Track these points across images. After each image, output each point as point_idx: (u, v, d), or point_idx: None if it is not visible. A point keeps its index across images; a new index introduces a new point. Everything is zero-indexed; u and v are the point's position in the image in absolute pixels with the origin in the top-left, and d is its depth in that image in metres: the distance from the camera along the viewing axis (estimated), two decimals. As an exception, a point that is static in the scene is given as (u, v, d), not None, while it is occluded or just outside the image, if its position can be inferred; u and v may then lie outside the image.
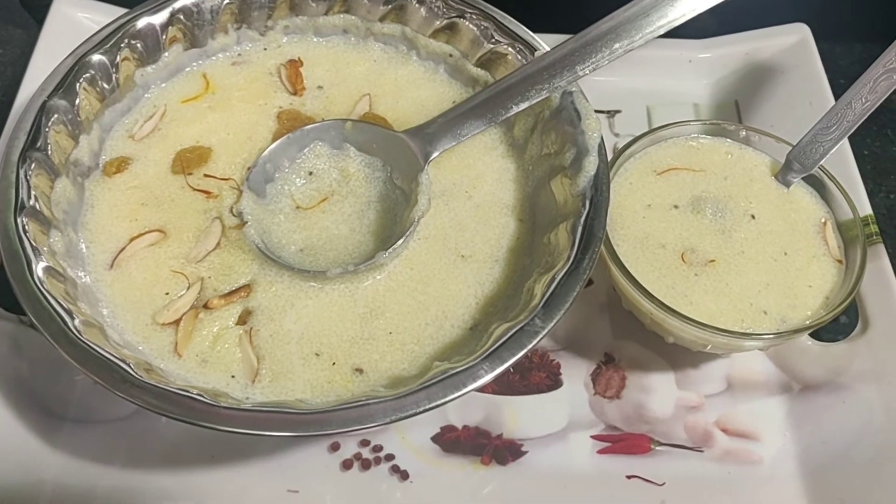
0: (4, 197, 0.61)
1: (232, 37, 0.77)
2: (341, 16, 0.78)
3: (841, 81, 0.88)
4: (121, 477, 0.68)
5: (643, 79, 0.93)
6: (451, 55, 0.76)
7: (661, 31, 0.66)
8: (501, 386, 0.73)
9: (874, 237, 0.74)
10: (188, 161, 0.70)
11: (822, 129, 0.71)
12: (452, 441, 0.71)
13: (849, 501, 0.68)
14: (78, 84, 0.68)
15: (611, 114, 0.91)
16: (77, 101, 0.68)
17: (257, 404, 0.56)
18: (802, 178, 0.73)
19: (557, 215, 0.66)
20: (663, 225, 0.71)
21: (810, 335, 0.75)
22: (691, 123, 0.76)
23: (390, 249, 0.64)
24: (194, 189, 0.69)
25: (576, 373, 0.75)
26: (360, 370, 0.61)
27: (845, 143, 0.78)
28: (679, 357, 0.75)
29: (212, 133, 0.73)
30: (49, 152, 0.65)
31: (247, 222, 0.66)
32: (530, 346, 0.57)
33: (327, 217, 0.70)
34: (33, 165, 0.63)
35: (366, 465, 0.69)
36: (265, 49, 0.78)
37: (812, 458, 0.71)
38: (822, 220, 0.72)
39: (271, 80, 0.77)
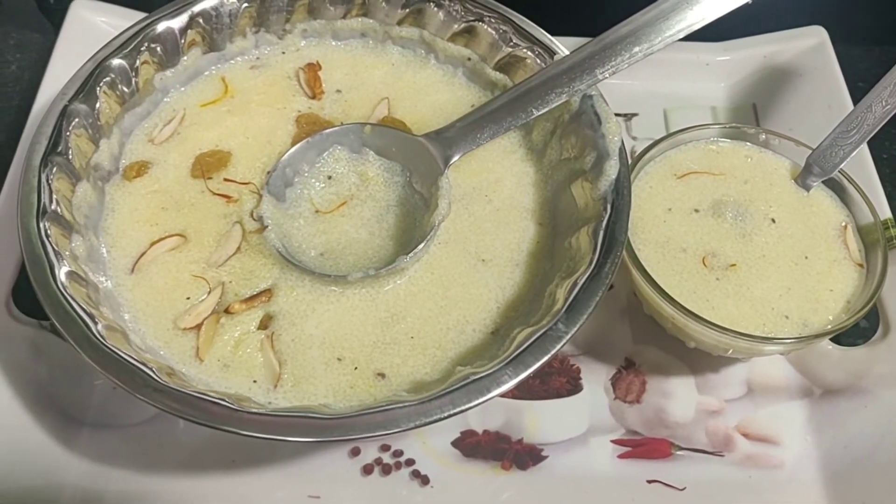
0: (27, 201, 0.61)
1: (250, 40, 0.77)
2: (359, 19, 0.78)
3: (859, 84, 0.87)
4: (139, 481, 0.68)
5: (660, 82, 0.92)
6: (469, 59, 0.76)
7: (681, 35, 0.65)
8: (522, 391, 0.73)
9: (895, 241, 0.74)
10: (208, 165, 0.70)
11: (841, 132, 0.71)
12: (473, 446, 0.71)
13: (871, 506, 0.67)
14: (98, 88, 0.68)
15: (628, 117, 0.91)
16: (97, 106, 0.68)
17: (280, 409, 0.55)
18: (822, 182, 0.73)
19: (578, 219, 0.66)
20: (684, 229, 0.71)
21: (831, 339, 0.75)
22: (711, 127, 0.76)
23: (411, 254, 0.64)
24: (214, 193, 0.69)
25: (596, 377, 0.75)
26: (382, 375, 0.61)
27: (864, 146, 0.77)
28: (699, 362, 0.75)
29: (231, 137, 0.73)
30: (70, 156, 0.65)
31: (267, 226, 0.66)
32: (554, 352, 0.57)
33: (347, 221, 0.69)
34: (55, 170, 0.63)
35: (386, 470, 0.69)
36: (283, 53, 0.78)
37: (833, 463, 0.71)
38: (843, 224, 0.71)
39: (290, 83, 0.77)
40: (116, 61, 0.69)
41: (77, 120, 0.66)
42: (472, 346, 0.63)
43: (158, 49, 0.72)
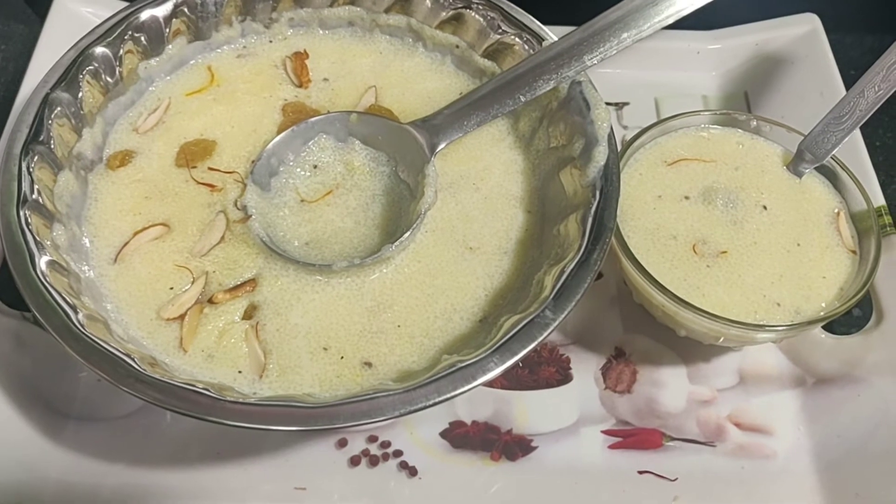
0: (7, 190, 0.60)
1: (236, 29, 0.76)
2: (346, 7, 0.77)
3: (851, 72, 0.87)
4: (125, 474, 0.67)
5: (651, 71, 0.92)
6: (457, 46, 0.76)
7: (670, 21, 0.65)
8: (511, 381, 0.72)
9: (888, 228, 0.73)
10: (192, 154, 0.69)
11: (834, 118, 0.70)
12: (461, 436, 0.70)
13: (864, 496, 0.67)
14: (81, 77, 0.67)
15: (619, 106, 0.90)
16: (80, 94, 0.67)
17: (264, 398, 0.55)
18: (815, 169, 0.72)
19: (567, 206, 0.65)
20: (674, 216, 0.70)
21: (823, 328, 0.74)
22: (702, 113, 0.75)
23: (397, 242, 0.64)
24: (198, 182, 0.68)
25: (586, 367, 0.74)
26: (368, 364, 0.61)
27: (857, 133, 0.77)
28: (691, 350, 0.75)
29: (216, 126, 0.72)
30: (52, 145, 0.64)
31: (251, 216, 0.66)
32: (541, 339, 0.56)
33: (332, 210, 0.69)
34: (36, 158, 0.62)
35: (374, 461, 0.69)
36: (270, 41, 0.77)
37: (827, 452, 0.70)
38: (836, 211, 0.71)
39: (277, 72, 0.76)
40: (100, 50, 0.69)
41: (59, 108, 0.65)
42: (459, 335, 0.62)
43: (143, 38, 0.71)
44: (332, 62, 0.77)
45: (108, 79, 0.70)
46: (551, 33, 0.72)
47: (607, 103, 0.69)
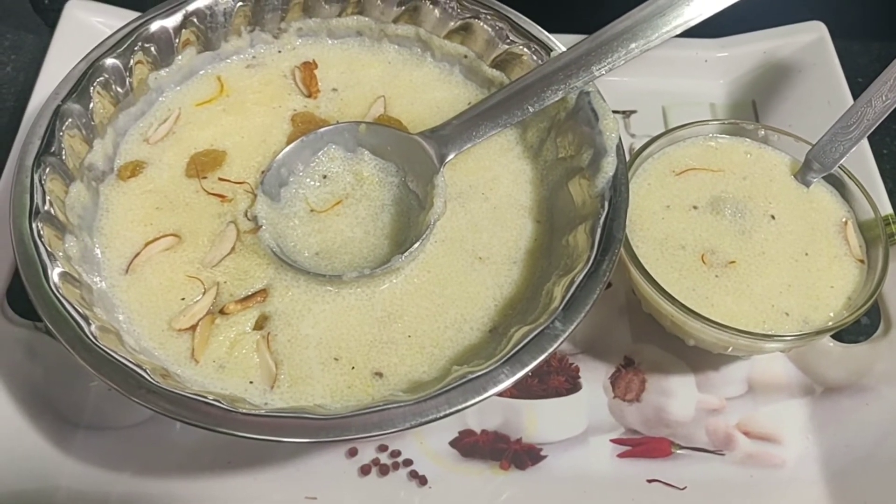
0: (19, 202, 0.60)
1: (245, 39, 0.76)
2: (355, 17, 0.77)
3: (859, 80, 0.87)
4: (135, 484, 0.67)
5: (659, 79, 0.92)
6: (466, 56, 0.76)
7: (678, 31, 0.65)
8: (520, 390, 0.73)
9: (896, 237, 0.73)
10: (203, 165, 0.70)
11: (841, 127, 0.70)
12: (471, 446, 0.70)
13: (873, 505, 0.67)
14: (92, 88, 0.67)
15: (626, 114, 0.91)
16: (91, 105, 0.67)
17: (275, 410, 0.55)
18: (822, 178, 0.72)
19: (576, 217, 0.65)
20: (683, 226, 0.70)
21: (832, 336, 0.74)
22: (709, 123, 0.75)
23: (406, 253, 0.64)
24: (209, 193, 0.69)
25: (595, 376, 0.74)
26: (379, 374, 0.61)
27: (864, 141, 0.77)
28: (699, 360, 0.75)
29: (226, 136, 0.72)
30: (63, 157, 0.64)
31: (261, 226, 0.66)
32: (551, 350, 0.56)
33: (342, 220, 0.69)
34: (48, 170, 0.62)
35: (384, 470, 0.69)
36: (279, 51, 0.78)
37: (835, 461, 0.70)
38: (843, 220, 0.71)
39: (286, 82, 0.76)
40: (110, 61, 0.69)
41: (70, 120, 0.66)
42: (469, 345, 0.62)
43: (152, 48, 0.72)
44: (341, 72, 0.77)
45: (119, 90, 0.70)
46: (559, 43, 0.72)
47: (615, 111, 0.69)
